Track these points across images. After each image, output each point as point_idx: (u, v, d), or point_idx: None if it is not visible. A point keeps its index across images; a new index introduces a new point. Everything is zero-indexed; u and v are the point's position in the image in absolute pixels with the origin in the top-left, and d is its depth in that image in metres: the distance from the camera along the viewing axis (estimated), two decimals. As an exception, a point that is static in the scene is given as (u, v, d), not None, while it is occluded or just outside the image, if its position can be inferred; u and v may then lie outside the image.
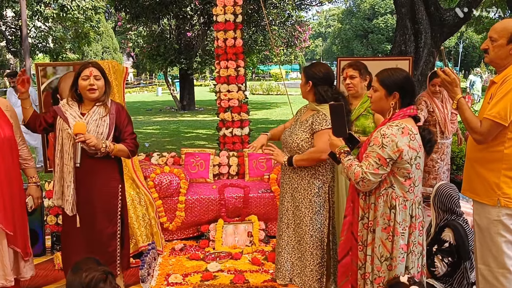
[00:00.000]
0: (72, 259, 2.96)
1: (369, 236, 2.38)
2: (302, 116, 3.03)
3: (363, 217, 2.42)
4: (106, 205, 2.97)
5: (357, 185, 2.34)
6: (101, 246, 2.96)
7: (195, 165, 5.03)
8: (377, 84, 2.41)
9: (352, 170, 2.33)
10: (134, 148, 3.03)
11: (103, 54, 31.11)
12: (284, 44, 19.17)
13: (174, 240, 4.57)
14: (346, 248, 2.53)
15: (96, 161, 2.87)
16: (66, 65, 4.59)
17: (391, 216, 2.31)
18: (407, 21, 7.01)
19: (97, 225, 2.94)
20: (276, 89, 30.05)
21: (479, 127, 2.49)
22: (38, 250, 4.12)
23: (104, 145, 2.82)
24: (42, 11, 19.38)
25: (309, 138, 2.87)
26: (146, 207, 4.22)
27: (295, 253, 2.96)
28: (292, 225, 2.97)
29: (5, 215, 2.87)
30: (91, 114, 2.89)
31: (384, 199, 2.33)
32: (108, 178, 2.97)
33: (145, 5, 14.40)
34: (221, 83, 5.40)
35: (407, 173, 2.30)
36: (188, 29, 17.54)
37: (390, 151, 2.24)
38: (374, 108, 2.53)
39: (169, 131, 13.06)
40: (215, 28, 5.39)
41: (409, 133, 2.28)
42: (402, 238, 2.31)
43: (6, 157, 2.91)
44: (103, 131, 2.88)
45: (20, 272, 3.06)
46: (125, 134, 2.99)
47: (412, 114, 2.37)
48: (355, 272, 2.46)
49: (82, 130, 2.76)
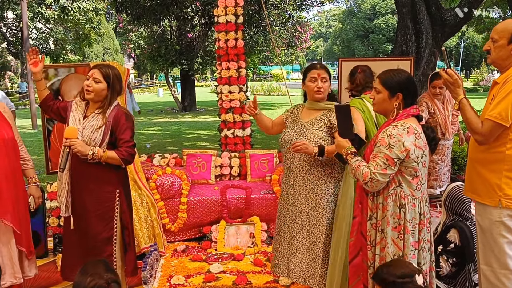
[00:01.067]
0: (68, 261, 3.01)
1: (378, 235, 2.40)
2: (305, 115, 3.03)
3: (371, 217, 2.44)
4: (100, 209, 2.93)
5: (366, 186, 2.35)
6: (95, 251, 2.92)
7: (196, 166, 5.03)
8: (379, 86, 2.42)
9: (361, 171, 2.34)
10: (127, 157, 2.90)
11: (104, 56, 31.18)
12: (285, 44, 19.16)
13: (176, 241, 4.57)
14: (356, 248, 2.54)
15: (89, 165, 2.85)
16: (67, 66, 4.59)
17: (401, 215, 2.33)
18: (408, 21, 7.01)
19: (91, 229, 2.92)
20: (277, 89, 30.07)
21: (480, 128, 2.48)
22: (41, 252, 4.11)
23: (91, 152, 2.79)
24: (43, 12, 19.42)
25: (327, 136, 2.90)
26: (148, 209, 4.22)
27: (310, 254, 2.96)
28: (306, 227, 2.96)
29: (13, 215, 2.92)
30: (90, 118, 2.88)
31: (393, 199, 2.35)
32: (101, 182, 2.92)
33: (146, 6, 14.42)
34: (223, 84, 5.40)
35: (414, 171, 2.32)
36: (189, 30, 17.56)
37: (397, 151, 2.25)
38: (377, 109, 2.52)
39: (170, 132, 13.07)
40: (216, 29, 5.39)
41: (415, 132, 2.30)
42: (412, 235, 2.33)
43: (11, 158, 2.94)
44: (97, 137, 2.84)
45: (24, 271, 3.11)
46: (120, 141, 2.90)
47: (415, 114, 2.39)
48: (366, 272, 2.48)
49: (72, 135, 2.77)
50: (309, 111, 3.04)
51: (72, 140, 2.77)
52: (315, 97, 2.97)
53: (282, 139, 3.07)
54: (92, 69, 2.89)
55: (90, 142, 2.83)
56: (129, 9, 14.66)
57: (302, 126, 2.99)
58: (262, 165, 5.07)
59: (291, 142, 2.95)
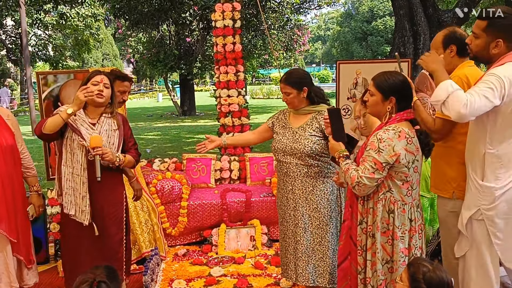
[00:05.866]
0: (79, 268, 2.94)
1: (369, 240, 2.37)
2: (294, 121, 3.05)
3: (362, 221, 2.41)
4: (114, 211, 2.98)
5: (354, 190, 2.34)
6: (112, 253, 2.95)
7: (196, 170, 5.05)
8: (373, 89, 2.41)
9: (349, 174, 2.32)
10: (138, 158, 3.09)
11: (103, 61, 31.21)
12: (284, 48, 19.19)
13: (177, 245, 4.58)
14: (345, 252, 2.53)
15: (104, 171, 2.85)
16: (67, 73, 4.62)
17: (390, 220, 2.31)
18: (406, 23, 7.04)
19: (108, 232, 2.94)
20: (276, 93, 30.05)
21: (434, 126, 2.54)
22: (42, 258, 4.12)
23: (118, 159, 2.85)
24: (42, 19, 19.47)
25: (320, 139, 2.92)
26: (149, 213, 4.23)
27: (316, 255, 2.98)
28: (310, 228, 2.98)
29: (9, 223, 2.89)
30: (101, 124, 2.89)
31: (383, 204, 2.32)
32: (114, 184, 2.99)
33: (144, 12, 14.46)
34: (221, 88, 5.42)
35: (404, 176, 2.29)
36: (188, 35, 17.58)
37: (386, 155, 2.23)
38: (370, 112, 2.52)
39: (170, 137, 13.08)
40: (214, 33, 5.42)
41: (406, 137, 2.27)
42: (402, 241, 2.30)
43: (9, 165, 2.93)
44: (114, 142, 2.90)
45: (24, 280, 3.09)
46: (129, 144, 3.03)
47: (409, 118, 2.37)
48: (354, 276, 2.46)
49: (98, 143, 2.74)
50: (296, 116, 3.06)
51: (103, 148, 2.76)
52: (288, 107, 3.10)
53: (275, 147, 3.07)
54: (99, 75, 2.88)
55: (108, 147, 2.85)
56: (127, 15, 14.70)
57: (294, 133, 3.00)
58: (262, 168, 5.09)
59: (285, 150, 2.99)
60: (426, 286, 1.93)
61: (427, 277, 1.94)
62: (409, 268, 2.02)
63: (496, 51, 2.32)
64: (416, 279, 1.95)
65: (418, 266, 1.99)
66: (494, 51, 2.33)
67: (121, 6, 14.16)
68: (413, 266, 2.02)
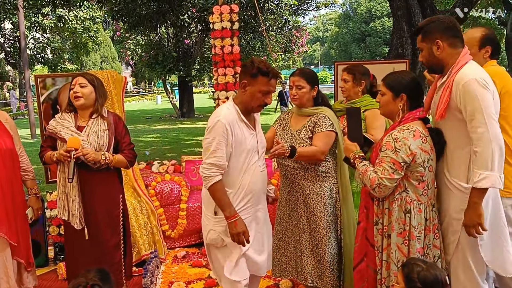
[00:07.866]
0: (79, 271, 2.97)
1: (385, 241, 2.36)
2: (294, 123, 3.04)
3: (377, 222, 2.40)
4: (109, 215, 2.97)
5: (373, 191, 2.32)
6: (107, 257, 2.95)
7: (195, 172, 5.04)
8: (384, 88, 2.42)
9: (368, 176, 2.31)
10: (132, 158, 3.03)
11: (101, 64, 31.21)
12: (282, 49, 19.20)
13: (176, 247, 4.58)
14: (361, 254, 2.50)
15: (96, 173, 2.87)
16: (65, 76, 4.61)
17: (406, 220, 2.30)
18: (403, 24, 7.04)
19: (102, 237, 2.94)
20: (274, 94, 30.05)
21: None
22: (41, 261, 4.12)
23: (103, 157, 2.82)
24: (40, 22, 19.48)
25: (310, 140, 2.91)
26: (148, 216, 4.23)
27: (314, 256, 2.98)
28: (307, 230, 2.99)
29: (9, 226, 2.89)
30: (90, 126, 2.89)
31: (399, 204, 2.31)
32: (109, 188, 2.98)
33: (142, 14, 14.45)
34: (220, 90, 5.41)
35: (420, 176, 2.29)
36: (186, 37, 17.59)
37: (403, 154, 2.23)
38: (383, 112, 2.51)
39: (169, 139, 13.08)
40: (212, 35, 5.42)
41: (421, 136, 2.28)
42: (419, 241, 2.29)
43: (8, 168, 2.93)
44: (104, 142, 2.88)
45: (23, 283, 3.09)
46: (123, 144, 2.99)
47: (422, 117, 2.37)
48: (372, 278, 2.44)
49: (75, 145, 2.74)
50: (297, 117, 3.06)
51: (83, 149, 2.75)
52: (293, 103, 3.03)
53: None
54: (75, 78, 2.90)
55: (99, 147, 2.84)
56: (125, 17, 14.68)
57: (292, 136, 3.00)
58: (261, 170, 5.07)
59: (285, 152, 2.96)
60: (421, 285, 1.94)
61: (421, 275, 1.95)
62: (403, 269, 2.03)
63: (440, 51, 2.35)
64: (411, 279, 1.97)
65: (412, 266, 2.01)
66: (438, 52, 2.35)
67: (119, 8, 14.14)
68: (407, 266, 2.03)
